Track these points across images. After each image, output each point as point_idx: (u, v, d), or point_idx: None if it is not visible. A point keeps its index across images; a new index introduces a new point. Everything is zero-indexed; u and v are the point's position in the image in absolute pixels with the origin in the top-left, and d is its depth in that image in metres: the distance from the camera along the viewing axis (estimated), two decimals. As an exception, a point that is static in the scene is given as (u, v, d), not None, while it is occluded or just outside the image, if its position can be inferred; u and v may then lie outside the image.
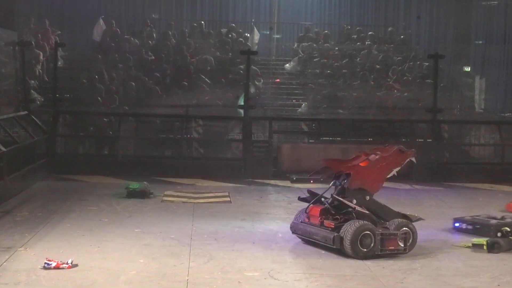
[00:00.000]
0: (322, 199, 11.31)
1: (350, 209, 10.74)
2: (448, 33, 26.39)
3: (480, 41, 26.84)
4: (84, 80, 21.86)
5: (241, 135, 19.22)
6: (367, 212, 10.82)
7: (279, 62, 25.27)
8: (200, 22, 25.34)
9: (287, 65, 24.74)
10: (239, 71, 22.47)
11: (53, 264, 9.50)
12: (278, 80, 24.29)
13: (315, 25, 26.87)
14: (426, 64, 23.55)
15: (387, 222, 10.87)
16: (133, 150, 19.49)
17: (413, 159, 11.71)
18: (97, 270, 9.53)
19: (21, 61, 19.73)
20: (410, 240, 10.82)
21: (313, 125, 21.09)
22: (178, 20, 26.57)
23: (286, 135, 20.65)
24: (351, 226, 10.41)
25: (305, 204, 11.48)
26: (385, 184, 11.63)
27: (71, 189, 15.97)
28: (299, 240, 11.40)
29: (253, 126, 19.18)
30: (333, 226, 10.67)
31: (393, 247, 10.59)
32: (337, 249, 10.53)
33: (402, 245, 10.65)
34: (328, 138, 20.27)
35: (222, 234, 11.89)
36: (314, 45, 25.01)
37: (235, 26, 25.69)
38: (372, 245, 10.43)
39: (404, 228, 10.80)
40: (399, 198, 15.52)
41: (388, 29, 26.47)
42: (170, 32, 24.64)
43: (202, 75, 22.42)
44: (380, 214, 11.03)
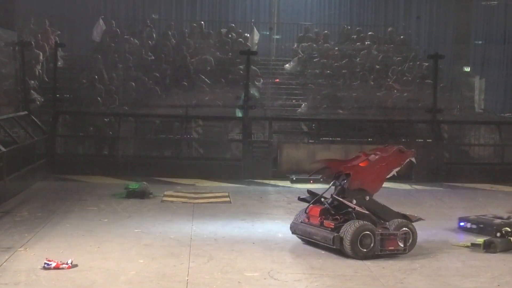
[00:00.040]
0: (322, 199, 11.31)
1: (350, 209, 10.75)
2: (448, 33, 26.36)
3: (480, 41, 26.83)
4: (84, 80, 21.83)
5: (241, 135, 19.21)
6: (367, 212, 10.82)
7: (279, 62, 25.22)
8: (200, 22, 25.30)
9: (287, 65, 24.70)
10: (239, 71, 22.45)
11: (53, 264, 9.51)
12: (278, 80, 24.26)
13: (315, 25, 26.83)
14: (426, 64, 23.52)
15: (387, 222, 10.88)
16: (133, 150, 19.47)
17: (413, 159, 11.72)
18: (97, 270, 9.53)
19: (21, 61, 19.73)
20: (410, 240, 10.83)
21: (313, 125, 21.09)
22: (178, 20, 26.56)
23: (286, 135, 20.65)
24: (351, 226, 10.41)
25: (305, 204, 11.48)
26: (385, 184, 11.64)
27: (71, 190, 15.97)
28: (299, 240, 11.40)
29: (253, 126, 19.19)
30: (333, 226, 10.68)
31: (393, 247, 10.59)
32: (337, 249, 10.53)
33: (402, 245, 10.65)
34: (328, 138, 20.24)
35: (222, 234, 11.89)
36: (314, 45, 24.97)
37: (235, 26, 25.65)
38: (372, 245, 10.44)
39: (404, 228, 10.81)
40: (399, 198, 15.52)
41: (388, 29, 26.42)
42: (170, 32, 24.60)
43: (202, 75, 22.38)
44: (380, 214, 11.03)
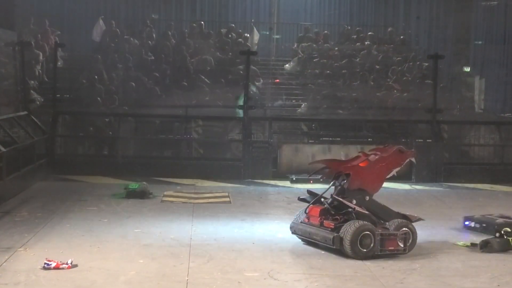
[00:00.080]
0: (322, 200, 11.30)
1: (350, 210, 10.74)
2: (448, 33, 26.34)
3: (480, 41, 26.84)
4: (84, 81, 21.82)
5: (241, 136, 19.21)
6: (367, 213, 10.81)
7: (279, 63, 25.22)
8: (200, 23, 25.28)
9: (287, 66, 24.69)
10: (239, 72, 22.43)
11: (53, 264, 9.50)
12: (278, 81, 24.26)
13: (315, 26, 26.81)
14: (426, 65, 23.50)
15: (387, 223, 10.87)
16: (133, 151, 19.46)
17: (413, 160, 11.72)
18: (97, 270, 9.53)
19: (21, 62, 19.72)
20: (410, 241, 10.83)
21: (313, 126, 21.11)
22: (178, 21, 26.55)
23: (286, 136, 20.64)
24: (351, 227, 10.41)
25: (305, 205, 11.48)
26: (385, 184, 11.65)
27: (71, 190, 15.96)
28: (299, 240, 11.39)
29: (253, 127, 19.19)
30: (333, 227, 10.68)
31: (393, 248, 10.59)
32: (337, 250, 10.52)
33: (402, 246, 10.65)
34: (328, 139, 20.24)
35: (222, 234, 11.89)
36: (314, 46, 24.95)
37: (235, 27, 25.64)
38: (372, 246, 10.43)
39: (404, 229, 10.81)
40: (399, 198, 15.53)
41: (388, 30, 26.41)
42: (170, 33, 24.58)
43: (202, 76, 22.37)
44: (380, 215, 11.03)
